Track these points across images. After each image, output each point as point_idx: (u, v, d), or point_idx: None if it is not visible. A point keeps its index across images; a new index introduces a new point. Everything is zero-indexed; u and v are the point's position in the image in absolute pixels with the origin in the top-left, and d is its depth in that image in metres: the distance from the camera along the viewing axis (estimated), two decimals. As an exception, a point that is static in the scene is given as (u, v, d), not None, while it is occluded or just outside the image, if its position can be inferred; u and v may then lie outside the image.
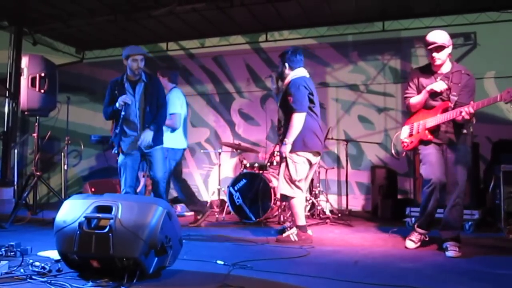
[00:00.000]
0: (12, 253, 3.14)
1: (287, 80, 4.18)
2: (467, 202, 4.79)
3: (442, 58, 3.59)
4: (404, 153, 4.03)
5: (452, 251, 3.47)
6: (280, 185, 4.16)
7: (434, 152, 3.63)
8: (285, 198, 4.21)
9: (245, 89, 8.01)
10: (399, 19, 6.77)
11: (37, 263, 2.70)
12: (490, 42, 6.54)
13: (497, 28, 6.35)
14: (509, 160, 4.70)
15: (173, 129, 5.07)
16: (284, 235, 4.13)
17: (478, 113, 3.57)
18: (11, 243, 3.19)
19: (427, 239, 3.81)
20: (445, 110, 3.55)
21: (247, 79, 7.99)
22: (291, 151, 4.04)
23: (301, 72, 4.18)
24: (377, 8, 6.60)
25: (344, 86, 7.39)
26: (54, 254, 2.98)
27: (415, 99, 3.76)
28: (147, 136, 4.17)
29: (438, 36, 3.58)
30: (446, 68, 3.66)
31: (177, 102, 5.09)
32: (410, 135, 3.79)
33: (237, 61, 8.01)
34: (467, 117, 3.35)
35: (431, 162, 3.61)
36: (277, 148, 5.15)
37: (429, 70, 3.74)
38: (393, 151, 4.31)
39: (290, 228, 4.27)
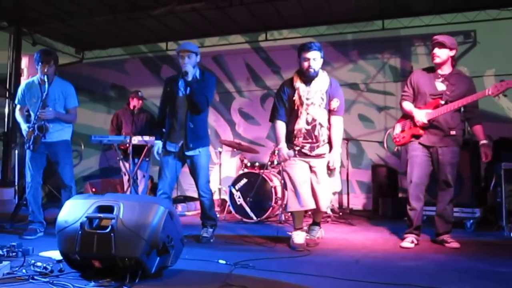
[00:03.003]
0: (14, 254, 3.12)
1: (326, 80, 3.79)
2: (468, 200, 4.81)
3: (441, 56, 3.75)
4: (396, 148, 4.11)
5: (453, 242, 3.75)
6: (328, 197, 3.84)
7: (421, 154, 3.82)
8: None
9: (245, 89, 8.01)
10: (399, 17, 6.78)
11: (39, 264, 2.70)
12: (490, 40, 6.54)
13: (497, 26, 6.35)
14: (510, 158, 4.69)
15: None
16: (317, 235, 4.07)
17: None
18: (13, 244, 3.18)
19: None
20: (436, 107, 3.74)
21: (247, 79, 7.99)
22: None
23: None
24: (377, 7, 6.59)
25: (344, 85, 7.34)
26: (55, 254, 2.97)
27: (407, 107, 3.92)
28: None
29: (441, 36, 3.78)
30: (446, 70, 3.81)
31: None
32: (402, 131, 3.97)
33: (236, 60, 8.02)
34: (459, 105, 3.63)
35: (417, 163, 3.82)
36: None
37: (431, 70, 3.90)
38: (385, 145, 4.42)
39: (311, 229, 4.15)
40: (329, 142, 3.81)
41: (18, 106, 4.47)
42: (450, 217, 3.87)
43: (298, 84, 3.75)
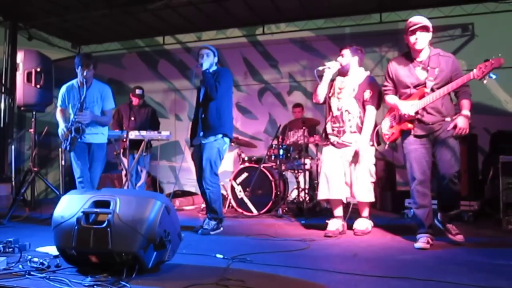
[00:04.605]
0: (10, 249, 3.12)
1: (363, 76, 4.22)
2: (466, 193, 4.81)
3: (425, 41, 3.51)
4: (387, 145, 3.93)
5: (459, 235, 3.56)
6: (366, 191, 4.19)
7: (418, 147, 3.56)
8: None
9: (242, 83, 7.99)
10: (397, 10, 6.75)
11: (35, 259, 2.68)
12: (488, 33, 6.51)
13: (495, 18, 6.33)
14: (508, 151, 4.68)
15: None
16: (364, 228, 4.19)
17: (476, 105, 3.58)
18: (9, 239, 3.17)
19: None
20: (422, 96, 3.50)
21: (245, 73, 7.97)
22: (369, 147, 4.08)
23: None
24: (375, 0, 6.56)
25: (342, 79, 7.36)
26: (52, 250, 2.96)
27: (391, 100, 3.73)
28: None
29: (423, 19, 3.51)
30: (424, 54, 3.58)
31: None
32: (391, 126, 3.79)
33: (234, 54, 7.98)
34: (445, 92, 3.38)
35: (417, 158, 3.55)
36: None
37: (407, 58, 3.67)
38: (374, 143, 4.16)
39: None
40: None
41: (58, 108, 4.63)
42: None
43: (337, 77, 4.27)
